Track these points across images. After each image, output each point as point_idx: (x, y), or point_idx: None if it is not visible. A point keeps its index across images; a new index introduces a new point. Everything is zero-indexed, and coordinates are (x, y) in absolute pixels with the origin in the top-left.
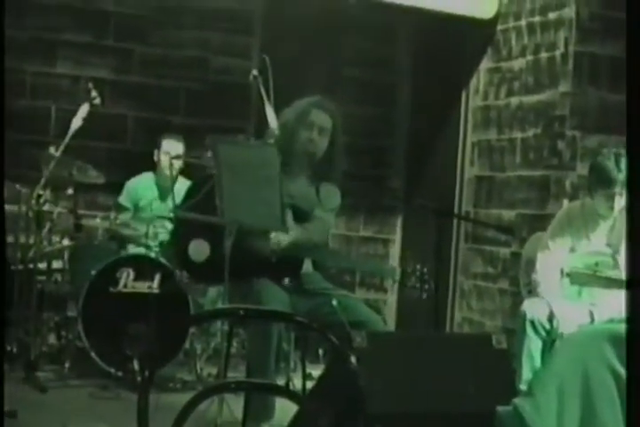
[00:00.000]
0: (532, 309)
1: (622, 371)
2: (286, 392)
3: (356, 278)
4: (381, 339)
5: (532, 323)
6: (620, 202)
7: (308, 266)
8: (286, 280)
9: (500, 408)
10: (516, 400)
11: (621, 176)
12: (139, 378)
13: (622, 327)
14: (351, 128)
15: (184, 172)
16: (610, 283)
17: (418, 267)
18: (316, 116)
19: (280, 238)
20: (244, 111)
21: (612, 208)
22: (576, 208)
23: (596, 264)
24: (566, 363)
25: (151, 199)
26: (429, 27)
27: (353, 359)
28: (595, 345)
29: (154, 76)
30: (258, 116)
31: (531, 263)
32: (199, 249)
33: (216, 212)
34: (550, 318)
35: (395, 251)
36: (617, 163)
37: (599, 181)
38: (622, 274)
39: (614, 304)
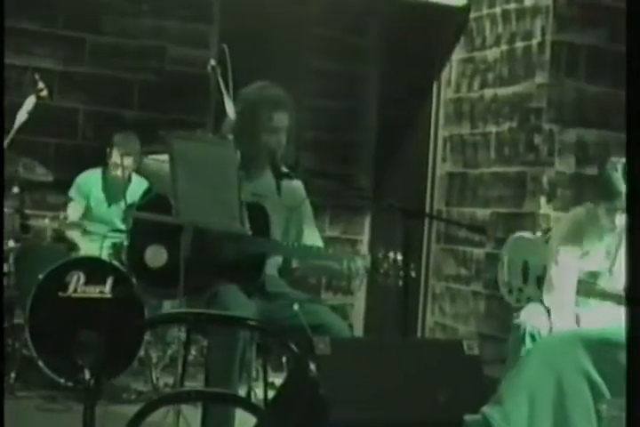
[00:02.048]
0: (532, 321)
1: (597, 378)
2: (245, 403)
3: (321, 282)
4: (346, 345)
5: (533, 336)
6: (624, 216)
7: (272, 270)
8: (248, 284)
9: (467, 417)
10: (485, 409)
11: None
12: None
13: (598, 332)
14: (316, 122)
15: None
16: (605, 296)
17: (390, 254)
18: (279, 121)
19: None
20: (203, 104)
21: (614, 222)
22: (582, 215)
23: (593, 276)
24: (538, 369)
25: (102, 198)
26: (399, 15)
27: (313, 367)
28: (568, 350)
29: (106, 66)
30: (217, 109)
31: (514, 265)
32: (156, 255)
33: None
34: (551, 330)
35: (363, 252)
36: (623, 175)
37: (604, 193)
38: (617, 288)
39: (605, 315)
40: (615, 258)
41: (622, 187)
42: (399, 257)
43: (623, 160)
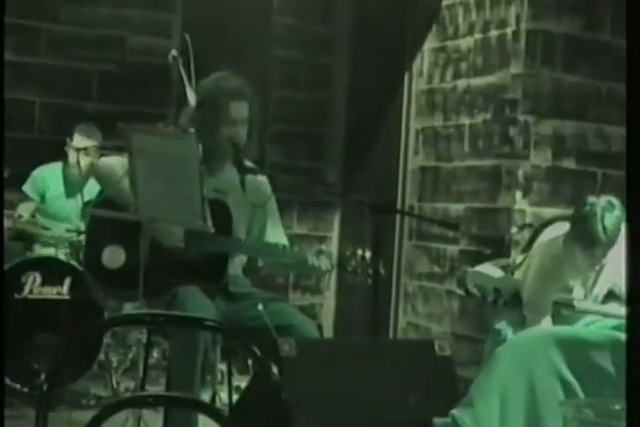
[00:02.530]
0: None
1: (571, 378)
2: (207, 408)
3: (289, 281)
4: (313, 346)
5: None
6: (602, 262)
7: (237, 269)
8: (210, 285)
9: (437, 420)
10: (455, 411)
11: (605, 238)
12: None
13: (571, 331)
14: (282, 115)
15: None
16: (584, 313)
17: (359, 250)
18: (236, 111)
19: None
20: (165, 96)
21: (591, 266)
22: (559, 251)
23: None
24: (509, 370)
25: (59, 194)
26: (367, 2)
27: (275, 370)
28: (540, 350)
29: (64, 57)
30: (180, 101)
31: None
32: (114, 256)
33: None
34: None
35: (328, 249)
36: (602, 219)
37: (580, 236)
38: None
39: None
40: (593, 287)
41: (601, 235)
42: (368, 254)
43: (603, 200)
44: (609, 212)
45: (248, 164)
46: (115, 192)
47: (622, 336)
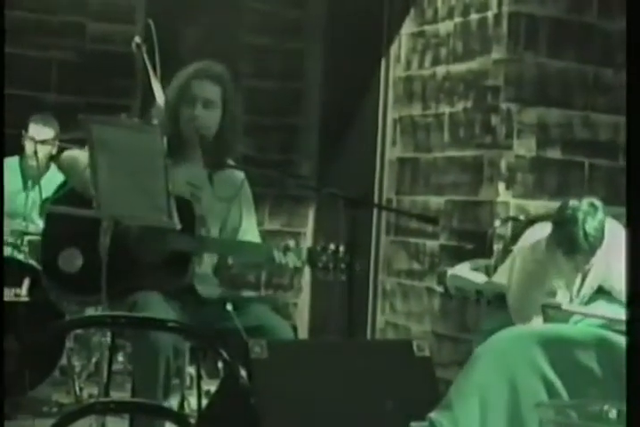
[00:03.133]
0: None
1: (554, 377)
2: (174, 415)
3: (261, 278)
4: (285, 348)
5: None
6: (585, 267)
7: (206, 269)
8: (173, 286)
9: (414, 424)
10: (432, 415)
11: (587, 244)
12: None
13: (554, 329)
14: (253, 104)
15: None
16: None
17: (331, 245)
18: (198, 88)
19: None
20: (128, 86)
21: (574, 270)
22: (542, 255)
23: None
24: (489, 371)
25: (18, 189)
26: None
27: (244, 374)
28: (522, 349)
29: (20, 45)
30: (144, 91)
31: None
32: (71, 259)
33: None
34: None
35: (292, 244)
36: (584, 224)
37: (561, 241)
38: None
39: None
40: (580, 290)
41: (582, 241)
42: (341, 248)
43: (585, 204)
44: (591, 216)
45: (214, 155)
46: (82, 183)
47: (609, 335)
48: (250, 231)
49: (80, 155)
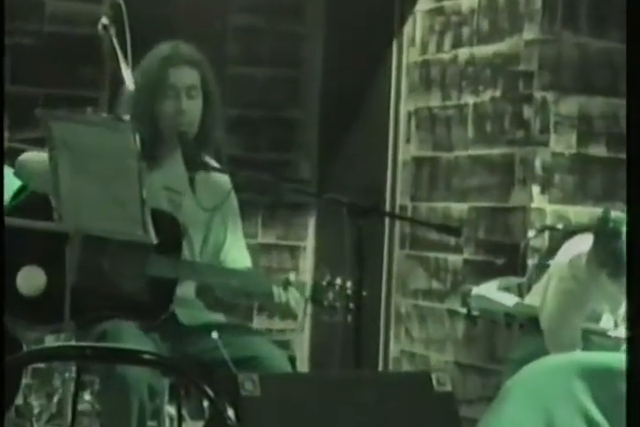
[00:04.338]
0: None
1: (598, 416)
2: None
3: (253, 303)
4: (281, 383)
5: None
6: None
7: (187, 290)
8: (153, 318)
9: None
10: None
11: None
12: None
13: (598, 358)
14: (241, 95)
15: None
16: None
17: (338, 280)
18: (176, 77)
19: None
20: (95, 75)
21: (622, 293)
22: (583, 274)
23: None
24: (522, 408)
25: None
26: None
27: (231, 414)
28: (559, 382)
29: None
30: (113, 81)
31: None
32: (31, 279)
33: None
34: None
35: (306, 262)
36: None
37: (604, 260)
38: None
39: None
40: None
41: (624, 257)
42: (348, 284)
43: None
44: None
45: (203, 158)
46: (44, 185)
47: None
48: (236, 246)
49: (40, 157)
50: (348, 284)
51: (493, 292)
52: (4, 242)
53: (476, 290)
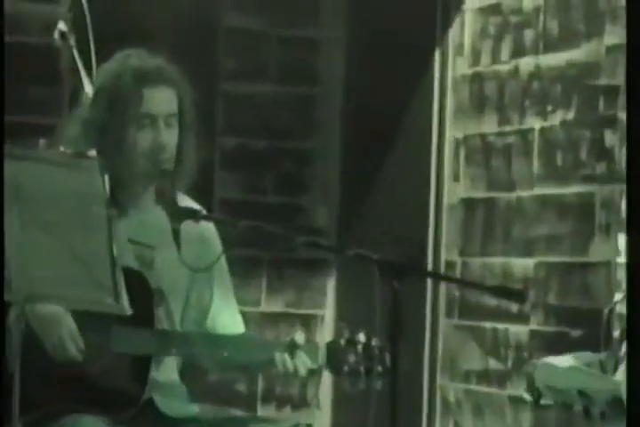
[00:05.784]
0: None
1: None
2: None
3: (257, 389)
4: None
5: None
6: None
7: (169, 374)
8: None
9: None
10: None
11: None
12: None
13: None
14: (242, 122)
15: None
16: None
17: (361, 336)
18: (153, 100)
19: None
20: (50, 96)
21: None
22: None
23: None
24: None
25: None
26: None
27: None
28: None
29: None
30: (73, 103)
31: (561, 395)
32: None
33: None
34: None
35: (324, 336)
36: None
37: None
38: None
39: None
40: None
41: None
42: (375, 341)
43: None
44: None
45: (186, 202)
46: None
47: None
48: (225, 310)
49: None
50: (375, 341)
51: (567, 367)
52: (3, 243)
53: (544, 364)
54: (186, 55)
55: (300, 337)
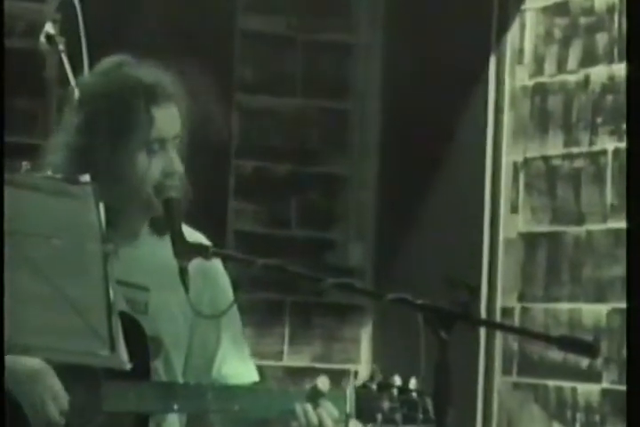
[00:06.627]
0: None
1: None
2: None
3: None
4: None
5: None
6: None
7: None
8: None
9: None
10: None
11: None
12: None
13: None
14: (260, 142)
15: None
16: None
17: (396, 379)
18: (164, 122)
19: None
20: (34, 110)
21: None
22: None
23: None
24: None
25: None
26: None
27: None
28: None
29: None
30: (59, 118)
31: None
32: None
33: None
34: None
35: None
36: None
37: None
38: None
39: None
40: None
41: None
42: (413, 384)
43: None
44: None
45: (192, 236)
46: None
47: None
48: (235, 355)
49: None
50: (413, 383)
51: None
52: (3, 243)
53: None
54: (193, 63)
55: (323, 383)
